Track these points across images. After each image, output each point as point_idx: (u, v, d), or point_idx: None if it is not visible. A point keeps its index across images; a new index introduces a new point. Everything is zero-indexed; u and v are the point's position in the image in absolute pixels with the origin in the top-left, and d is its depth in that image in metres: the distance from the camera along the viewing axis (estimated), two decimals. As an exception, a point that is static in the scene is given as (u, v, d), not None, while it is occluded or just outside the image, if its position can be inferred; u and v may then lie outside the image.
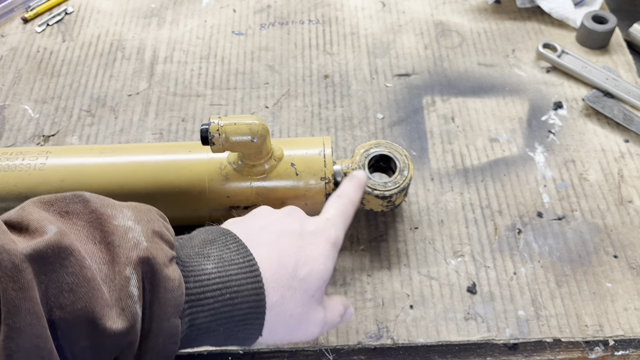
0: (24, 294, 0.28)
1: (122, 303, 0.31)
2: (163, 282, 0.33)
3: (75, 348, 0.30)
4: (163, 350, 0.33)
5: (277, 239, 0.39)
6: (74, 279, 0.30)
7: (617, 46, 0.69)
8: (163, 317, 0.32)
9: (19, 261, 0.28)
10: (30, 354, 0.28)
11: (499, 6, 0.75)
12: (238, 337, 0.37)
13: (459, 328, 0.48)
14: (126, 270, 0.31)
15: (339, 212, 0.43)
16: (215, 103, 0.65)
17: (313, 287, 0.38)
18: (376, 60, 0.69)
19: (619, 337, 0.47)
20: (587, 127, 0.62)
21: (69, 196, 0.34)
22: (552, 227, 0.54)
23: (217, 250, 0.37)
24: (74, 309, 0.29)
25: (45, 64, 0.70)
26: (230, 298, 0.35)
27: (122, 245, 0.32)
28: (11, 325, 0.27)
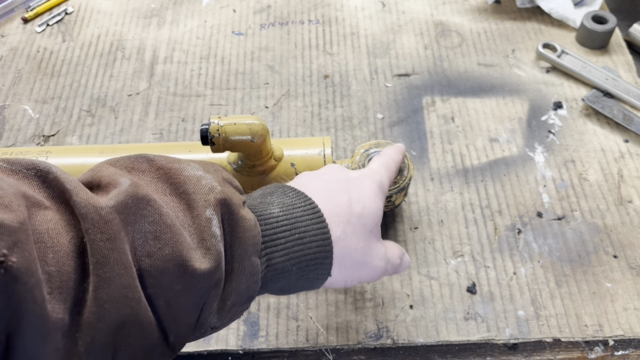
0: (112, 245, 0.28)
1: (206, 243, 0.32)
2: (241, 222, 0.33)
3: (168, 293, 0.30)
4: (246, 290, 0.34)
5: (326, 185, 0.40)
6: (156, 227, 0.30)
7: (617, 46, 0.69)
8: (244, 256, 0.33)
9: (105, 213, 0.29)
10: (120, 304, 0.28)
11: (499, 6, 0.75)
12: (309, 277, 0.37)
13: (459, 328, 0.48)
14: (206, 212, 0.32)
15: (381, 164, 0.45)
16: (215, 103, 0.65)
17: (370, 223, 0.39)
18: (376, 60, 0.69)
19: (618, 337, 0.47)
20: (587, 127, 0.62)
21: (132, 156, 0.35)
22: (552, 227, 0.54)
23: (279, 198, 0.38)
24: (162, 255, 0.30)
25: (45, 64, 0.70)
26: (300, 237, 0.36)
27: (197, 191, 0.33)
28: (101, 276, 0.28)
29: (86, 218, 0.28)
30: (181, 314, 0.31)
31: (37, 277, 0.26)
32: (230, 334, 0.48)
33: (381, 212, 0.41)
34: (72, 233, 0.28)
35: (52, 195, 0.29)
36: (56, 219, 0.28)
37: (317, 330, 0.48)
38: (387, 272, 0.41)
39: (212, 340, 0.48)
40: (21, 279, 0.25)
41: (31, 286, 0.25)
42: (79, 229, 0.28)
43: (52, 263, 0.27)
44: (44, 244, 0.27)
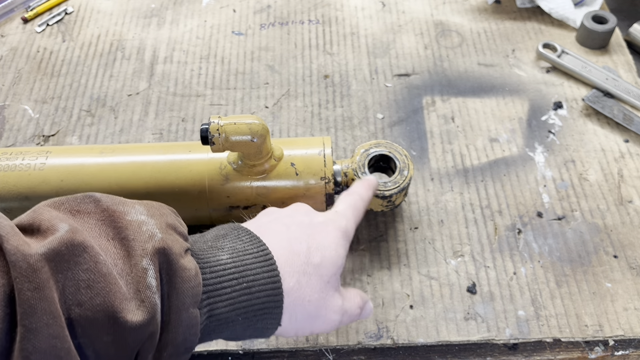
0: (40, 294, 0.27)
1: (140, 295, 0.31)
2: (180, 272, 0.33)
3: (97, 344, 0.30)
4: (183, 341, 0.33)
5: (287, 229, 0.39)
6: (90, 275, 0.30)
7: (617, 46, 0.69)
8: (182, 308, 0.32)
9: (34, 261, 0.28)
10: (47, 355, 0.27)
11: (499, 6, 0.75)
12: (257, 327, 0.36)
13: (459, 328, 0.48)
14: (143, 261, 0.31)
15: (349, 205, 0.44)
16: (215, 103, 0.65)
17: (328, 273, 0.38)
18: (376, 60, 0.69)
19: (618, 337, 0.47)
20: (587, 127, 0.62)
21: (79, 197, 0.34)
22: (552, 227, 0.54)
23: (230, 242, 0.37)
24: (92, 305, 0.29)
25: (45, 64, 0.70)
26: (248, 287, 0.35)
27: (137, 238, 0.32)
28: (27, 326, 0.27)
29: (15, 266, 0.27)
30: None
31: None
32: (230, 334, 0.48)
33: (342, 261, 0.40)
34: (2, 280, 0.27)
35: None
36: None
37: (317, 330, 0.48)
38: (342, 323, 0.40)
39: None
40: None
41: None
42: (10, 277, 0.27)
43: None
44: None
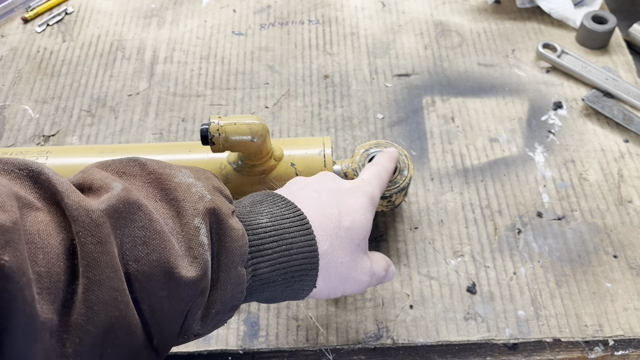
0: (102, 248, 0.28)
1: (193, 252, 0.32)
2: (229, 231, 0.34)
3: (153, 299, 0.30)
4: (231, 298, 0.34)
5: (318, 195, 0.40)
6: (145, 233, 0.30)
7: (617, 46, 0.69)
8: (230, 266, 0.33)
9: (96, 216, 0.29)
10: (109, 306, 0.28)
11: (499, 6, 0.75)
12: (294, 288, 0.37)
13: (459, 328, 0.48)
14: (194, 220, 0.32)
15: (373, 174, 0.45)
16: (215, 103, 0.65)
17: (358, 237, 0.40)
18: (376, 60, 0.69)
19: (618, 337, 0.47)
20: (586, 127, 0.62)
21: (125, 159, 0.35)
22: (552, 227, 0.54)
23: (268, 207, 0.38)
24: (149, 261, 0.30)
25: (45, 64, 0.70)
26: (287, 249, 0.36)
27: (187, 198, 0.33)
28: (91, 278, 0.28)
29: (77, 221, 0.28)
30: (165, 319, 0.31)
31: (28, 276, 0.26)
32: (230, 334, 0.48)
33: (370, 226, 0.41)
34: (62, 235, 0.28)
35: (44, 196, 0.29)
36: (47, 220, 0.28)
37: (317, 330, 0.48)
38: (371, 284, 0.41)
39: (212, 340, 0.48)
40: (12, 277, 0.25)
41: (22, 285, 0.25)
42: (69, 231, 0.28)
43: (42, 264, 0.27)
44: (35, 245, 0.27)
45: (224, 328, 0.48)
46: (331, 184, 0.42)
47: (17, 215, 0.26)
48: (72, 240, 0.28)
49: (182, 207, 0.33)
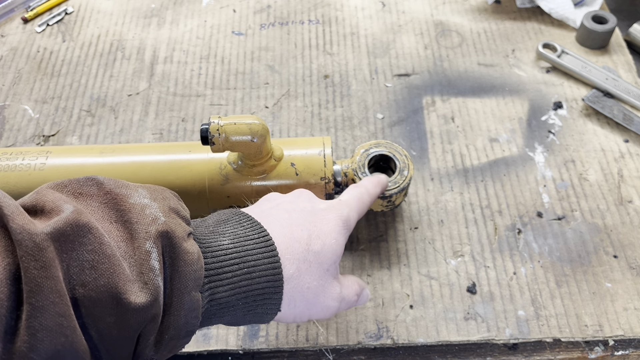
0: (46, 273, 0.28)
1: (144, 277, 0.31)
2: (182, 255, 0.33)
3: (101, 325, 0.30)
4: (185, 325, 0.33)
5: (289, 215, 0.39)
6: (94, 256, 0.30)
7: (617, 46, 0.69)
8: (184, 291, 0.33)
9: (40, 240, 0.28)
10: (53, 333, 0.28)
11: (499, 6, 0.75)
12: (257, 312, 0.37)
13: (459, 328, 0.48)
14: (146, 244, 0.32)
15: (353, 196, 0.44)
16: (215, 103, 0.65)
17: (327, 261, 0.39)
18: (376, 60, 0.69)
19: (618, 337, 0.47)
20: (587, 127, 0.62)
21: (82, 179, 0.34)
22: (552, 227, 0.54)
23: (232, 228, 0.37)
24: (96, 286, 0.29)
25: (45, 64, 0.70)
26: (248, 272, 0.35)
27: (140, 221, 0.32)
28: (34, 304, 0.27)
29: (21, 245, 0.27)
30: (115, 345, 0.31)
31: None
32: (230, 334, 0.48)
33: (341, 250, 0.40)
34: (8, 259, 0.27)
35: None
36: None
37: (317, 330, 0.48)
38: (340, 309, 0.41)
39: (212, 340, 0.48)
40: None
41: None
42: (13, 257, 0.28)
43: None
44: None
45: (224, 328, 0.48)
46: (305, 205, 0.40)
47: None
48: (18, 265, 0.27)
49: (135, 230, 0.32)
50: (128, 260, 0.31)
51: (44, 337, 0.27)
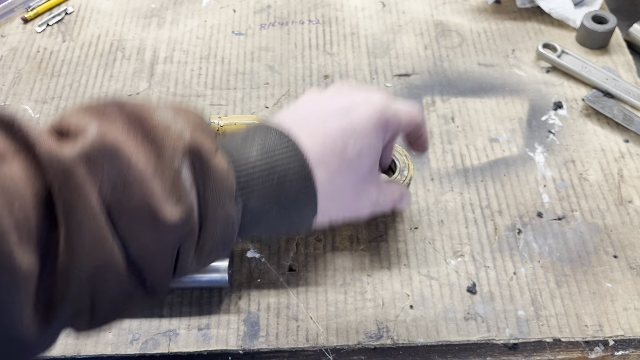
0: (78, 194, 0.28)
1: (176, 194, 0.31)
2: (212, 170, 0.33)
3: (138, 242, 0.30)
4: (222, 237, 0.34)
5: (322, 124, 0.38)
6: (124, 177, 0.30)
7: (617, 46, 0.69)
8: (217, 205, 0.33)
9: (69, 164, 0.28)
10: (92, 250, 0.28)
11: (499, 6, 0.75)
12: (293, 221, 0.37)
13: (459, 328, 0.48)
14: (174, 162, 0.32)
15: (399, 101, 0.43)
16: (215, 103, 0.65)
17: (362, 168, 0.39)
18: (376, 60, 0.69)
19: (618, 337, 0.47)
20: (587, 127, 0.62)
21: (104, 101, 0.34)
22: (552, 227, 0.54)
23: (259, 140, 0.36)
24: (130, 205, 0.30)
25: (45, 64, 0.70)
26: (279, 181, 0.35)
27: (167, 139, 0.32)
28: (70, 225, 0.28)
29: (50, 169, 0.28)
30: (154, 261, 0.31)
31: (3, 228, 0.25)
32: (230, 334, 0.48)
33: (377, 154, 0.40)
34: (37, 185, 0.28)
35: (17, 145, 0.29)
36: (21, 170, 0.28)
37: (317, 330, 0.48)
38: (375, 214, 0.41)
39: (212, 340, 0.48)
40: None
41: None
42: (42, 181, 0.28)
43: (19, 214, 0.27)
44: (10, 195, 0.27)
45: (224, 328, 0.48)
46: (342, 103, 0.39)
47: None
48: (49, 189, 0.28)
49: (162, 148, 0.32)
50: (158, 178, 0.31)
51: (83, 255, 0.28)
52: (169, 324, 0.49)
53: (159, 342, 0.48)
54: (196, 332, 0.48)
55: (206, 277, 0.48)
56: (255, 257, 0.52)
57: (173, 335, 0.48)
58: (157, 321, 0.49)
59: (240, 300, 0.50)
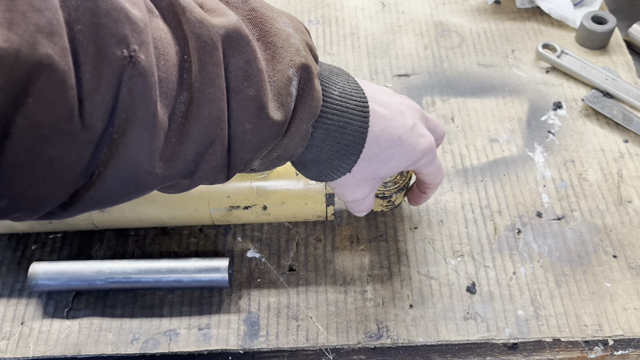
0: (218, 70, 0.30)
1: (281, 99, 0.33)
2: (312, 91, 0.35)
3: (239, 128, 0.32)
4: (294, 149, 0.36)
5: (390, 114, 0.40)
6: (248, 67, 0.32)
7: (617, 46, 0.70)
8: (304, 121, 0.35)
9: (217, 37, 0.30)
10: (216, 123, 0.31)
11: (499, 7, 0.75)
12: (334, 164, 0.39)
13: (459, 328, 0.48)
14: (289, 71, 0.33)
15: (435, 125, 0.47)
16: (215, 103, 0.65)
17: (388, 169, 0.41)
18: (376, 60, 0.69)
19: (618, 336, 0.48)
20: (586, 127, 0.62)
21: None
22: (551, 227, 0.54)
23: (341, 82, 0.39)
24: (246, 94, 0.32)
25: (45, 64, 0.70)
26: (342, 126, 0.37)
27: (286, 48, 0.34)
28: (207, 96, 0.30)
29: (199, 39, 0.29)
30: (244, 149, 0.33)
31: (155, 79, 0.27)
32: (231, 333, 0.48)
33: (400, 169, 0.42)
34: (177, 47, 0.29)
35: (160, 5, 0.30)
36: (166, 30, 0.29)
37: (317, 330, 0.48)
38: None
39: (212, 340, 0.48)
40: (144, 76, 0.26)
41: (150, 85, 0.27)
42: (183, 46, 0.29)
43: (163, 70, 0.28)
44: (158, 50, 0.28)
45: (224, 328, 0.48)
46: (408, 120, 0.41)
47: (147, 18, 0.27)
48: (184, 55, 0.29)
49: (279, 55, 0.33)
50: (269, 79, 0.33)
51: (209, 125, 0.30)
52: (169, 324, 0.49)
53: (159, 341, 0.48)
54: (196, 331, 0.48)
55: (206, 277, 0.48)
56: (255, 257, 0.52)
57: (173, 335, 0.48)
58: (157, 321, 0.49)
59: (240, 300, 0.50)
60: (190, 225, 0.53)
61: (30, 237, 0.54)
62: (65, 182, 0.27)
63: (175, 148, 0.30)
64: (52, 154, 0.25)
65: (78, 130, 0.25)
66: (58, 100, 0.24)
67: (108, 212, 0.50)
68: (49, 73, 0.23)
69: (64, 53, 0.24)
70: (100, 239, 0.54)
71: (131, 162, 0.28)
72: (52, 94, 0.24)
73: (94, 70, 0.25)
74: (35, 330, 0.48)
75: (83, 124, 0.25)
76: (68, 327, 0.49)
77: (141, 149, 0.28)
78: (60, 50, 0.24)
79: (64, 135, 0.25)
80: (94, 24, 0.25)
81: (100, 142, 0.27)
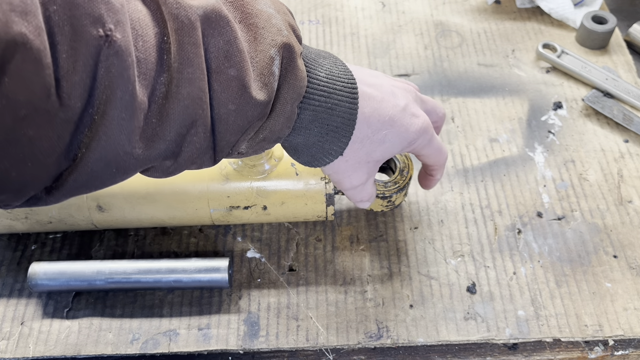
0: (196, 50, 0.30)
1: (264, 79, 0.33)
2: (295, 70, 0.35)
3: (223, 109, 0.32)
4: (279, 131, 0.36)
5: (381, 95, 0.40)
6: (229, 48, 0.32)
7: (617, 46, 0.69)
8: (288, 101, 0.35)
9: (194, 18, 0.30)
10: (196, 103, 0.31)
11: (499, 6, 0.75)
12: (325, 147, 0.39)
13: (459, 328, 0.48)
14: (271, 50, 0.34)
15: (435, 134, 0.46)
16: (215, 103, 0.65)
17: (381, 153, 0.41)
18: (376, 60, 0.69)
19: (618, 337, 0.48)
20: (586, 127, 0.62)
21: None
22: (551, 227, 0.54)
23: (329, 65, 0.39)
24: (227, 75, 0.32)
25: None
26: (330, 107, 0.37)
27: (267, 28, 0.34)
28: (185, 76, 0.30)
29: (177, 19, 0.30)
30: (228, 130, 0.33)
31: (132, 58, 0.27)
32: (230, 334, 0.48)
33: (394, 154, 0.42)
34: (156, 29, 0.29)
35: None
36: (144, 11, 0.29)
37: (317, 330, 0.48)
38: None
39: (212, 340, 0.48)
40: (121, 55, 0.27)
41: (127, 65, 0.27)
42: (162, 27, 0.30)
43: (142, 50, 0.28)
44: (136, 31, 0.28)
45: (224, 328, 0.48)
46: (400, 101, 0.41)
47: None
48: (164, 37, 0.29)
49: (261, 35, 0.34)
50: (251, 60, 0.33)
51: (189, 105, 0.31)
52: (169, 324, 0.49)
53: (159, 342, 0.48)
54: (196, 332, 0.48)
55: (206, 277, 0.48)
56: (255, 257, 0.52)
57: (173, 335, 0.48)
58: (157, 321, 0.49)
59: (240, 300, 0.50)
60: (190, 225, 0.53)
61: (30, 237, 0.54)
62: (46, 164, 0.27)
63: (156, 129, 0.30)
64: (32, 134, 0.25)
65: (56, 110, 0.26)
66: (34, 79, 0.24)
67: (108, 212, 0.50)
68: (23, 51, 0.23)
69: (38, 32, 0.24)
70: (100, 239, 0.54)
71: (112, 143, 0.28)
72: (27, 73, 0.24)
73: (70, 50, 0.25)
74: (35, 331, 0.48)
75: (61, 103, 0.26)
76: (68, 327, 0.49)
77: (121, 129, 0.28)
78: (34, 29, 0.24)
79: (42, 115, 0.25)
80: (69, 4, 0.25)
81: (80, 122, 0.27)
